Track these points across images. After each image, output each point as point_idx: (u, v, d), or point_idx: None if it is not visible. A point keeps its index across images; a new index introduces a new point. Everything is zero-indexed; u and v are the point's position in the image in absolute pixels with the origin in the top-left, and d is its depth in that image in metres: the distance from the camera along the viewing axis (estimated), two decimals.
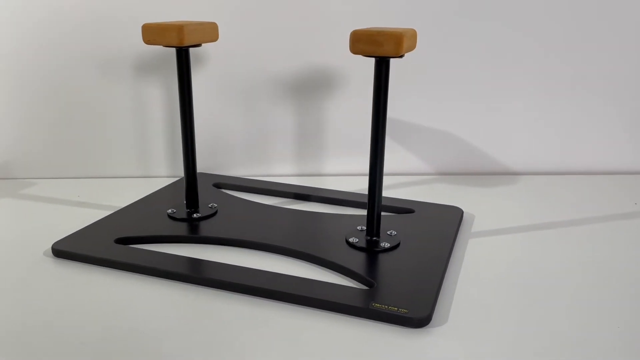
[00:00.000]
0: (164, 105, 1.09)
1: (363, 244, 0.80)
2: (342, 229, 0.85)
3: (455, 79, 1.10)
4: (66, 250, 0.79)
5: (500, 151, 1.15)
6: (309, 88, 1.10)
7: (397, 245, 0.80)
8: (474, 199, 1.02)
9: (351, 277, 0.74)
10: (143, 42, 0.80)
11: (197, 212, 0.91)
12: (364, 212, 0.90)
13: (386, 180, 1.11)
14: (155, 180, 1.12)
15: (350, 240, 0.81)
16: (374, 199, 0.80)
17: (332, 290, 0.69)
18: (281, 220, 0.90)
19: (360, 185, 1.08)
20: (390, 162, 1.14)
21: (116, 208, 0.96)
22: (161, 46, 0.80)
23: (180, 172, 1.14)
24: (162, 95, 1.09)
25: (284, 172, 1.15)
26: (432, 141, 1.14)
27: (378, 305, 0.65)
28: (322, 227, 0.88)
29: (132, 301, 0.69)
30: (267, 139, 1.13)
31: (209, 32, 0.85)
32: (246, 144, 1.14)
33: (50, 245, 0.81)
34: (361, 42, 0.69)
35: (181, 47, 0.81)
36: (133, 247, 0.80)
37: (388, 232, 0.83)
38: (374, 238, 0.81)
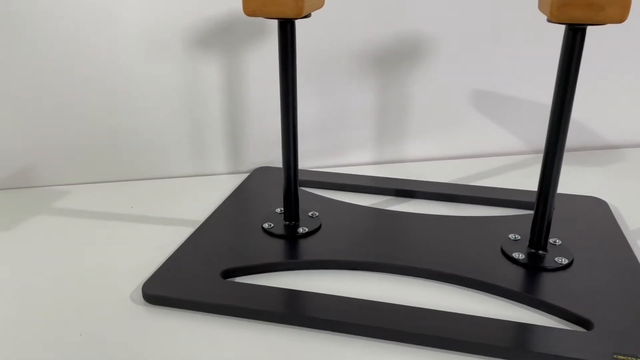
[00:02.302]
0: (218, 89, 0.89)
1: (531, 261, 0.65)
2: (488, 238, 0.69)
3: None
4: (163, 296, 0.60)
5: (599, 123, 1.01)
6: (393, 61, 0.92)
7: (572, 261, 0.65)
8: (599, 183, 0.88)
9: (546, 311, 0.59)
10: (244, 13, 0.60)
11: (297, 224, 0.74)
12: (495, 211, 0.75)
13: (476, 164, 0.97)
14: (214, 180, 0.93)
15: (514, 255, 0.65)
16: (546, 200, 0.64)
17: (538, 336, 0.53)
18: (405, 230, 0.73)
19: (452, 172, 0.92)
20: (480, 141, 0.99)
21: (188, 222, 0.77)
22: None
23: (241, 167, 0.95)
24: (215, 77, 0.89)
25: (360, 161, 0.98)
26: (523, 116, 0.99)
27: (622, 357, 0.50)
28: (460, 236, 0.71)
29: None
30: (343, 122, 0.95)
31: None
32: (319, 129, 0.95)
33: (135, 285, 0.62)
34: (573, 6, 0.52)
35: (296, 18, 0.62)
36: (248, 284, 0.63)
37: (551, 241, 0.68)
38: (540, 252, 0.66)
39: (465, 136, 0.99)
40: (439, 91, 0.95)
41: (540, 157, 0.66)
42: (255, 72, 0.89)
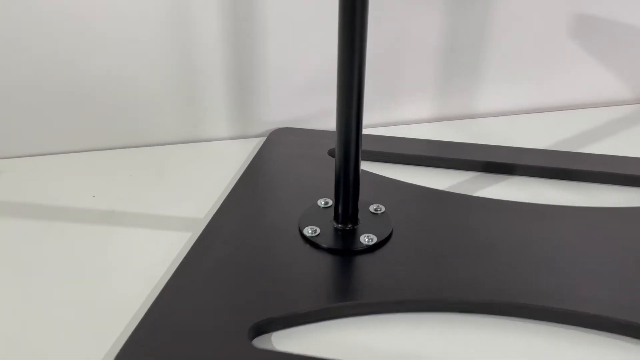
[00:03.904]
0: (217, 15, 0.60)
1: None
2: None
3: None
4: None
5: None
6: None
7: None
8: None
9: None
10: None
11: (356, 227, 0.46)
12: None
13: (576, 118, 0.70)
14: (214, 148, 0.64)
15: None
16: None
17: None
18: (530, 233, 0.47)
19: (549, 131, 0.65)
20: (578, 86, 0.72)
21: (181, 223, 0.50)
22: None
23: (250, 130, 0.66)
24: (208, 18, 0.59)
25: (415, 116, 0.70)
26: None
27: None
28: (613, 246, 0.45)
29: None
30: (394, 61, 0.67)
31: None
32: None
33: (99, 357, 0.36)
34: None
35: None
36: (298, 356, 0.36)
37: None
38: None
39: (559, 80, 0.71)
40: (525, 22, 0.67)
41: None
42: None
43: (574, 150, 0.61)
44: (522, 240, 0.46)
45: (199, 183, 0.56)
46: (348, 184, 0.45)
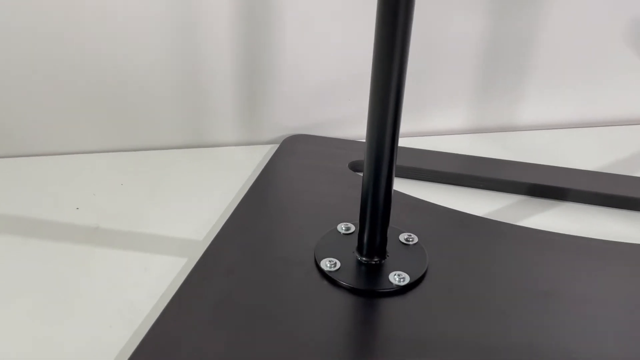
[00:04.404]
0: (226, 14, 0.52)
1: None
2: None
3: None
4: None
5: None
6: None
7: None
8: None
9: None
10: None
11: (383, 262, 0.39)
12: None
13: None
14: (218, 155, 0.56)
15: None
16: None
17: None
18: (585, 275, 0.39)
19: (603, 149, 0.57)
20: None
21: (172, 245, 0.42)
22: None
23: (260, 136, 0.59)
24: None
25: (447, 127, 0.62)
26: None
27: None
28: None
29: None
30: (427, 64, 0.59)
31: None
32: None
33: None
34: None
35: None
36: None
37: None
38: None
39: (614, 91, 0.63)
40: (581, 24, 0.58)
41: None
42: None
43: (633, 174, 0.52)
44: (586, 286, 0.38)
45: (199, 196, 0.48)
46: (377, 207, 0.37)
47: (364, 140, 0.36)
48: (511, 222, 0.45)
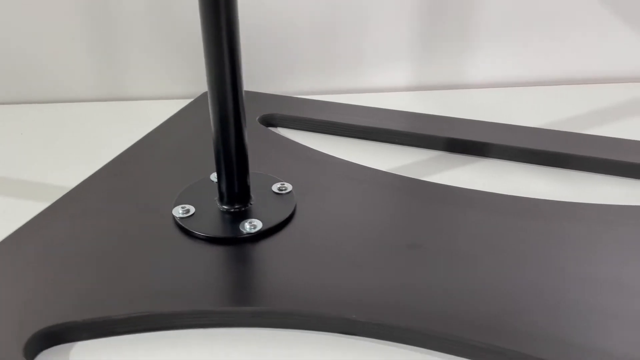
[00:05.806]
0: None
1: None
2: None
3: None
4: None
5: None
6: None
7: None
8: None
9: None
10: None
11: (246, 208, 0.36)
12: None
13: (585, 94, 0.56)
14: (133, 109, 0.54)
15: None
16: None
17: None
18: (473, 232, 0.35)
19: (548, 107, 0.52)
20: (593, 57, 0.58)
21: (49, 189, 0.40)
22: None
23: (179, 92, 0.56)
24: None
25: (387, 83, 0.58)
26: None
27: None
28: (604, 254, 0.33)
29: None
30: (364, 21, 0.55)
31: None
32: (314, 24, 0.56)
33: None
34: None
35: None
36: None
37: None
38: None
39: (571, 48, 0.58)
40: None
41: None
42: None
43: (573, 131, 0.47)
44: (454, 239, 0.34)
45: (93, 147, 0.46)
46: (229, 155, 0.34)
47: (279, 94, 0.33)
48: (415, 177, 0.41)
